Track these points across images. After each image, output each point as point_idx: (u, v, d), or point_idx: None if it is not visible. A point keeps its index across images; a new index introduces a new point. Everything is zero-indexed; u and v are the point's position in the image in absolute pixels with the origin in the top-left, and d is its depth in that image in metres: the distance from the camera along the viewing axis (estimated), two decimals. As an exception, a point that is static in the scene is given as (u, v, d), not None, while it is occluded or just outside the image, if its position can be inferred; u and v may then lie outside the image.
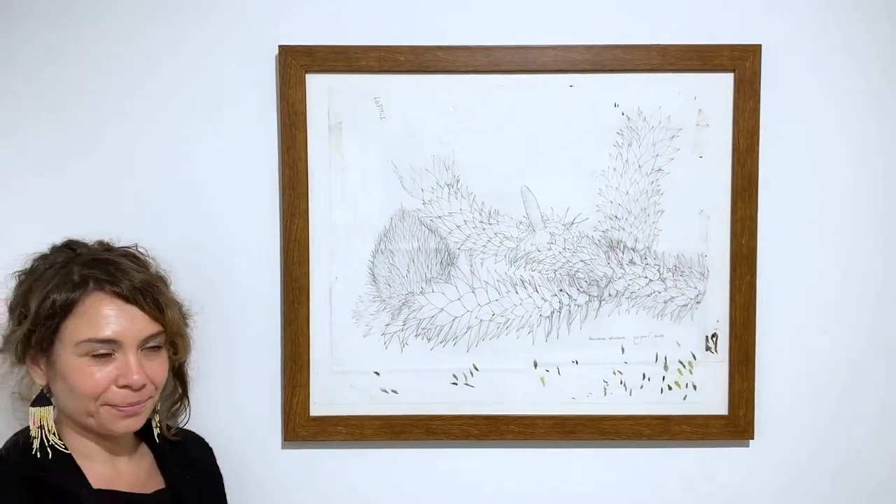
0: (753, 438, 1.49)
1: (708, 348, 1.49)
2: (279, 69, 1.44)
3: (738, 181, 1.46)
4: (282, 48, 1.44)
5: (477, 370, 1.49)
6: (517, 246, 1.48)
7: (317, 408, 1.48)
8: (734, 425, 1.48)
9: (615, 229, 1.47)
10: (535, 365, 1.49)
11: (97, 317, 1.17)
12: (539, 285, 1.48)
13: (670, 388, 1.49)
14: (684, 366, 1.49)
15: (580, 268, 1.48)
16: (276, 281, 1.48)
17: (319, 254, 1.47)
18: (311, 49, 1.44)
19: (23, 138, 1.46)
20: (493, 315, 1.48)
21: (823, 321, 1.50)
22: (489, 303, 1.48)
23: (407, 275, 1.48)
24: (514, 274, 1.48)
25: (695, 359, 1.49)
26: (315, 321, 1.48)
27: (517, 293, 1.48)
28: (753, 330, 1.47)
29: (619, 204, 1.47)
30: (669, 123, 1.46)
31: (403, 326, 1.48)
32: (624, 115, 1.46)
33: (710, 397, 1.49)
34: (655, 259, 1.48)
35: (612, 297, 1.48)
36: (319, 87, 1.45)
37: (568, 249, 1.47)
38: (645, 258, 1.47)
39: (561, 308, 1.48)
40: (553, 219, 1.47)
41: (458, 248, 1.48)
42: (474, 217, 1.47)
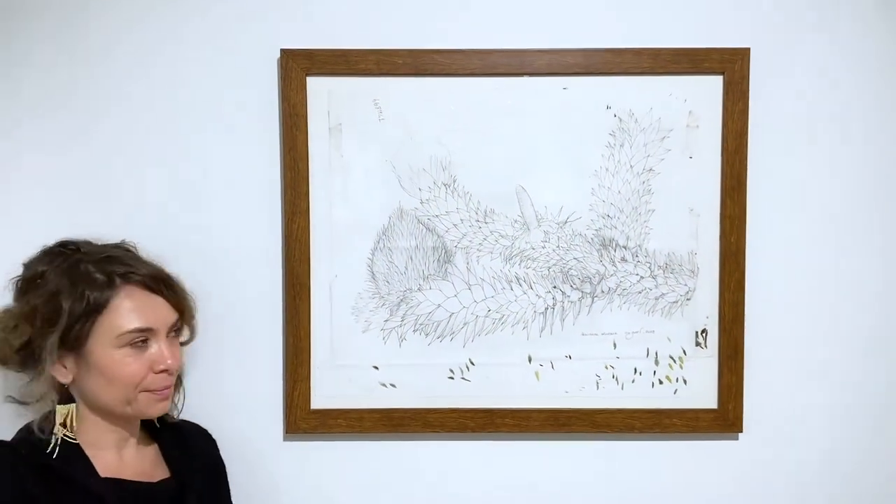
0: (742, 431, 1.50)
1: (698, 344, 1.50)
2: (281, 72, 1.46)
3: (727, 181, 1.47)
4: (283, 52, 1.45)
5: (473, 365, 1.51)
6: (512, 244, 1.49)
7: (317, 401, 1.50)
8: (723, 419, 1.50)
9: (607, 228, 1.49)
10: (530, 360, 1.50)
11: (132, 309, 1.21)
12: (533, 282, 1.50)
13: (661, 383, 1.51)
14: (675, 361, 1.50)
15: (573, 265, 1.49)
16: (278, 278, 1.50)
17: (320, 251, 1.49)
18: (312, 52, 1.45)
19: (29, 138, 1.48)
20: (489, 311, 1.50)
21: (810, 317, 1.52)
22: (485, 299, 1.50)
23: (405, 272, 1.50)
24: (510, 271, 1.50)
25: (685, 354, 1.50)
26: (316, 317, 1.49)
27: (512, 290, 1.50)
28: (742, 326, 1.48)
29: (612, 203, 1.48)
30: (660, 125, 1.47)
31: (402, 322, 1.50)
32: (616, 117, 1.47)
33: (700, 391, 1.50)
34: (647, 257, 1.49)
35: (605, 294, 1.50)
36: (320, 90, 1.46)
37: (561, 247, 1.49)
38: (636, 256, 1.49)
39: (555, 304, 1.50)
40: (547, 217, 1.49)
41: (455, 246, 1.49)
42: (470, 216, 1.49)
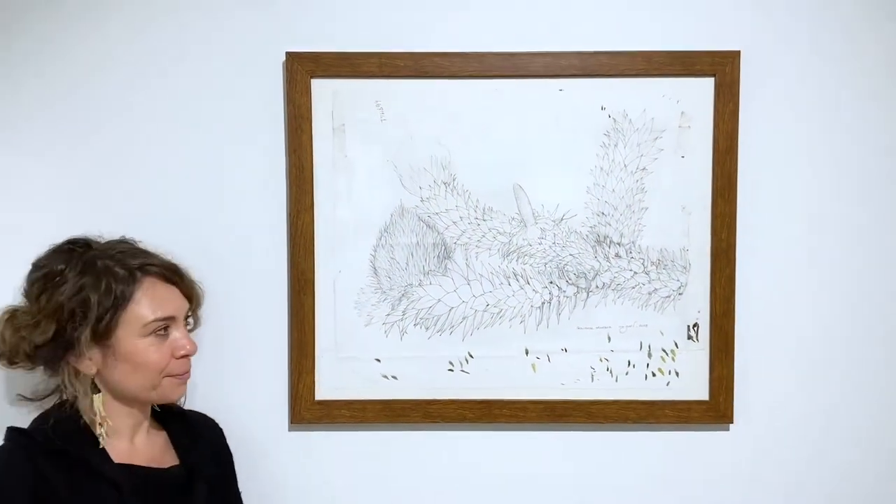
0: (733, 422, 1.53)
1: (690, 337, 1.52)
2: (286, 74, 1.48)
3: (718, 180, 1.49)
4: (289, 55, 1.48)
5: (472, 357, 1.53)
6: (510, 241, 1.52)
7: (322, 392, 1.53)
8: (715, 410, 1.52)
9: (602, 225, 1.51)
10: (527, 352, 1.53)
11: (155, 299, 1.27)
12: (530, 278, 1.52)
13: (654, 375, 1.53)
14: (667, 354, 1.53)
15: (569, 261, 1.52)
16: (284, 273, 1.53)
17: (324, 248, 1.51)
18: (317, 55, 1.48)
19: (38, 137, 1.50)
20: (487, 306, 1.52)
21: (799, 312, 1.54)
22: (483, 294, 1.52)
23: (406, 268, 1.52)
24: (507, 267, 1.52)
25: (677, 347, 1.52)
26: (320, 311, 1.52)
27: (510, 285, 1.52)
28: (732, 320, 1.51)
29: (606, 201, 1.51)
30: (653, 125, 1.49)
31: (403, 316, 1.53)
32: (610, 118, 1.49)
33: (692, 383, 1.52)
34: (640, 253, 1.51)
35: (599, 289, 1.52)
36: (324, 92, 1.49)
37: (557, 244, 1.52)
38: (630, 252, 1.52)
39: (551, 299, 1.52)
40: (543, 215, 1.51)
41: (455, 243, 1.52)
42: (469, 213, 1.51)
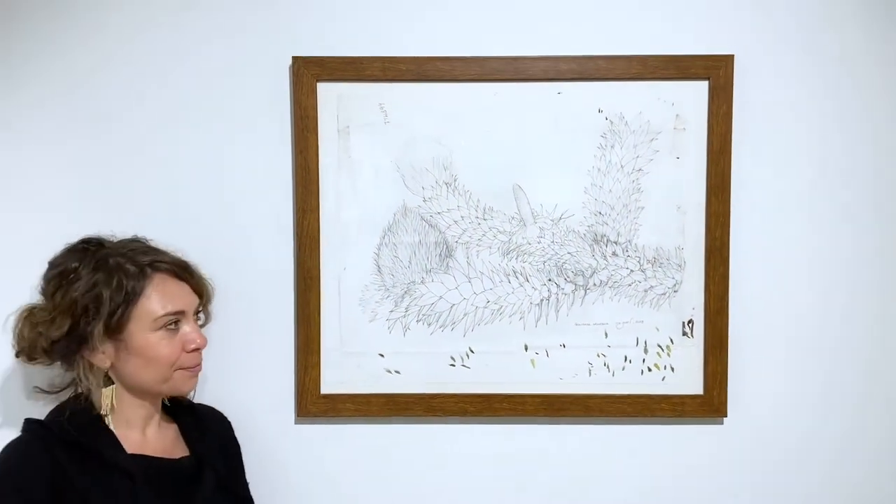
0: (727, 416, 1.55)
1: (684, 333, 1.54)
2: (293, 78, 1.51)
3: (712, 180, 1.51)
4: (295, 59, 1.50)
5: (473, 353, 1.55)
6: (509, 239, 1.54)
7: (327, 386, 1.55)
8: (709, 404, 1.54)
9: (599, 224, 1.53)
10: (526, 348, 1.55)
11: (165, 294, 1.30)
12: (529, 275, 1.54)
13: (650, 370, 1.55)
14: (663, 349, 1.55)
15: (567, 259, 1.54)
16: (290, 271, 1.55)
17: (329, 246, 1.54)
18: (322, 59, 1.50)
19: (53, 140, 1.53)
20: (488, 302, 1.55)
21: (791, 308, 1.56)
22: (484, 291, 1.55)
23: (409, 266, 1.55)
24: (507, 265, 1.54)
25: (672, 343, 1.55)
26: (325, 308, 1.54)
27: (509, 283, 1.55)
28: (726, 317, 1.53)
29: (603, 201, 1.53)
30: (649, 127, 1.52)
31: (406, 313, 1.55)
32: (607, 120, 1.52)
33: (687, 378, 1.54)
34: (636, 251, 1.54)
35: (597, 287, 1.54)
36: (329, 95, 1.51)
37: (556, 242, 1.54)
38: (626, 251, 1.54)
39: (549, 296, 1.55)
40: (542, 214, 1.53)
41: (456, 242, 1.54)
42: (470, 213, 1.54)
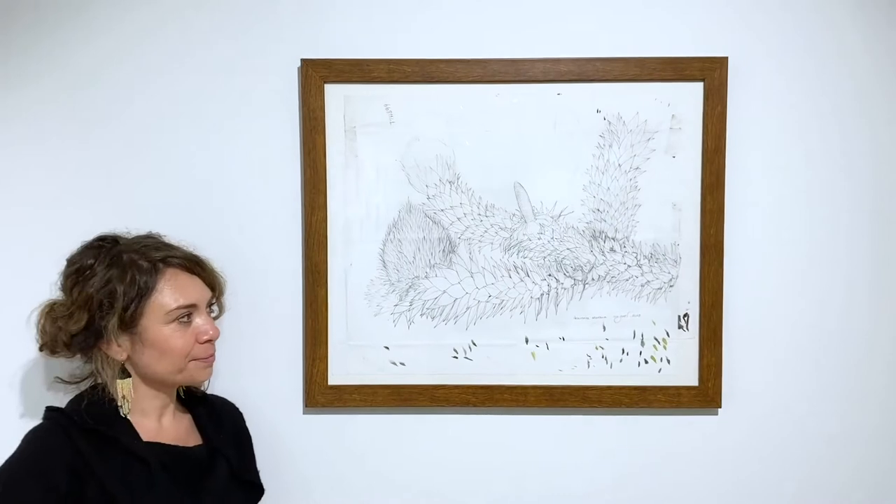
0: (721, 407, 1.58)
1: (680, 326, 1.57)
2: (301, 80, 1.54)
3: (707, 178, 1.54)
4: (303, 61, 1.53)
5: (475, 345, 1.58)
6: (511, 236, 1.57)
7: (334, 378, 1.58)
8: (704, 395, 1.57)
9: (598, 221, 1.56)
10: (527, 341, 1.58)
11: (177, 288, 1.33)
12: (530, 270, 1.57)
13: (647, 362, 1.58)
14: (659, 342, 1.58)
15: (566, 255, 1.57)
16: (298, 267, 1.58)
17: (336, 243, 1.56)
18: (330, 62, 1.53)
19: (73, 144, 1.57)
20: (490, 297, 1.57)
21: (783, 302, 1.58)
22: (486, 286, 1.57)
23: (413, 261, 1.57)
24: (508, 260, 1.57)
25: (668, 336, 1.57)
26: (333, 302, 1.57)
27: (510, 277, 1.57)
28: (721, 310, 1.55)
29: (601, 198, 1.55)
30: (646, 127, 1.54)
31: (410, 307, 1.58)
32: (605, 120, 1.54)
33: (682, 370, 1.57)
34: (633, 247, 1.56)
35: (595, 281, 1.57)
36: (336, 96, 1.54)
37: (556, 239, 1.57)
38: (624, 246, 1.56)
39: (549, 291, 1.57)
40: (542, 211, 1.56)
41: (459, 238, 1.57)
42: (473, 210, 1.56)
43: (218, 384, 1.54)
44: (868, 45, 1.56)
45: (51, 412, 1.33)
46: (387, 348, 1.59)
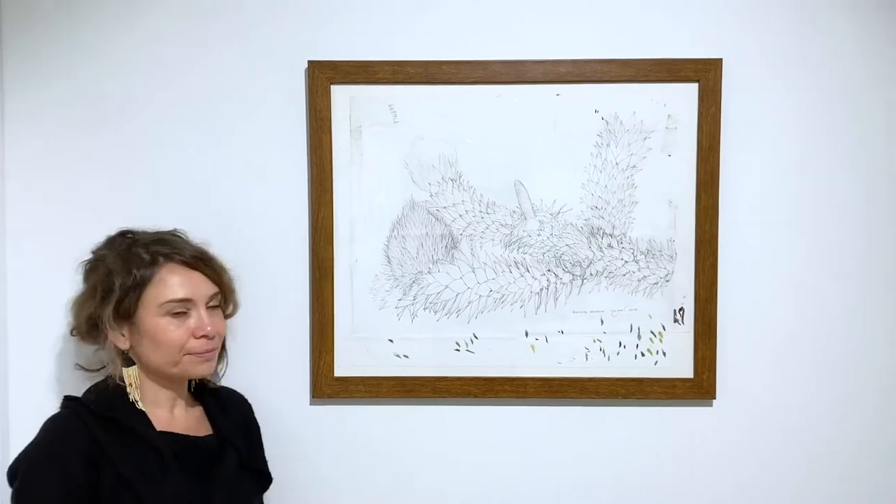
0: (715, 398, 1.60)
1: (676, 320, 1.59)
2: (308, 81, 1.56)
3: (702, 176, 1.56)
4: (310, 63, 1.56)
5: (476, 338, 1.61)
6: (511, 232, 1.59)
7: (340, 369, 1.60)
8: (698, 387, 1.59)
9: (595, 218, 1.59)
10: (527, 334, 1.60)
11: (172, 282, 1.35)
12: (530, 266, 1.60)
13: (643, 355, 1.60)
14: (655, 335, 1.60)
15: (565, 251, 1.59)
16: (305, 262, 1.60)
17: (342, 239, 1.59)
18: (336, 64, 1.56)
19: (95, 146, 1.60)
20: (491, 291, 1.60)
21: (776, 297, 1.61)
22: (487, 281, 1.60)
23: (416, 257, 1.60)
24: (509, 256, 1.59)
25: (664, 329, 1.60)
26: (338, 296, 1.59)
27: (511, 273, 1.60)
28: (715, 305, 1.58)
29: (599, 196, 1.58)
30: (643, 127, 1.57)
31: (413, 301, 1.60)
32: (603, 120, 1.57)
33: (678, 363, 1.59)
34: (630, 243, 1.59)
35: (593, 277, 1.59)
36: (342, 97, 1.56)
37: (555, 235, 1.59)
38: (621, 243, 1.59)
39: (549, 285, 1.60)
40: (542, 209, 1.59)
41: (461, 234, 1.59)
42: (474, 207, 1.59)
43: (228, 376, 1.55)
44: (860, 46, 1.58)
45: (68, 401, 1.36)
46: (391, 341, 1.61)
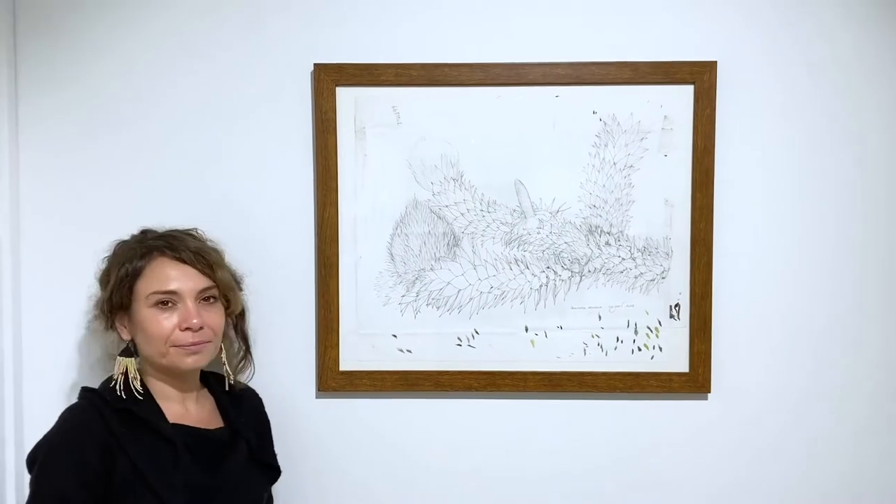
0: (710, 392, 1.62)
1: (672, 316, 1.61)
2: (314, 83, 1.58)
3: (697, 176, 1.58)
4: (316, 65, 1.58)
5: (478, 334, 1.63)
6: (511, 230, 1.61)
7: (345, 364, 1.62)
8: (694, 381, 1.61)
9: (594, 216, 1.61)
10: (527, 329, 1.63)
11: (160, 275, 1.38)
12: (530, 263, 1.62)
13: (640, 350, 1.62)
14: (651, 331, 1.62)
15: (564, 248, 1.61)
16: (311, 259, 1.63)
17: (347, 237, 1.61)
18: (341, 66, 1.58)
19: (113, 144, 1.62)
20: (491, 288, 1.62)
21: (770, 293, 1.62)
22: (488, 277, 1.62)
23: (419, 254, 1.62)
24: (509, 254, 1.62)
25: (660, 325, 1.62)
26: (343, 293, 1.62)
27: (511, 270, 1.62)
28: (710, 301, 1.60)
29: (597, 195, 1.60)
30: (639, 127, 1.59)
31: (416, 297, 1.63)
32: (601, 121, 1.59)
33: (674, 357, 1.61)
34: (627, 241, 1.61)
35: (591, 273, 1.62)
36: (347, 98, 1.58)
37: (554, 233, 1.61)
38: (618, 240, 1.61)
39: (548, 282, 1.62)
40: (542, 207, 1.61)
41: (462, 232, 1.62)
42: (476, 206, 1.61)
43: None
44: (855, 48, 1.60)
45: (85, 392, 1.40)
46: (395, 336, 1.64)
